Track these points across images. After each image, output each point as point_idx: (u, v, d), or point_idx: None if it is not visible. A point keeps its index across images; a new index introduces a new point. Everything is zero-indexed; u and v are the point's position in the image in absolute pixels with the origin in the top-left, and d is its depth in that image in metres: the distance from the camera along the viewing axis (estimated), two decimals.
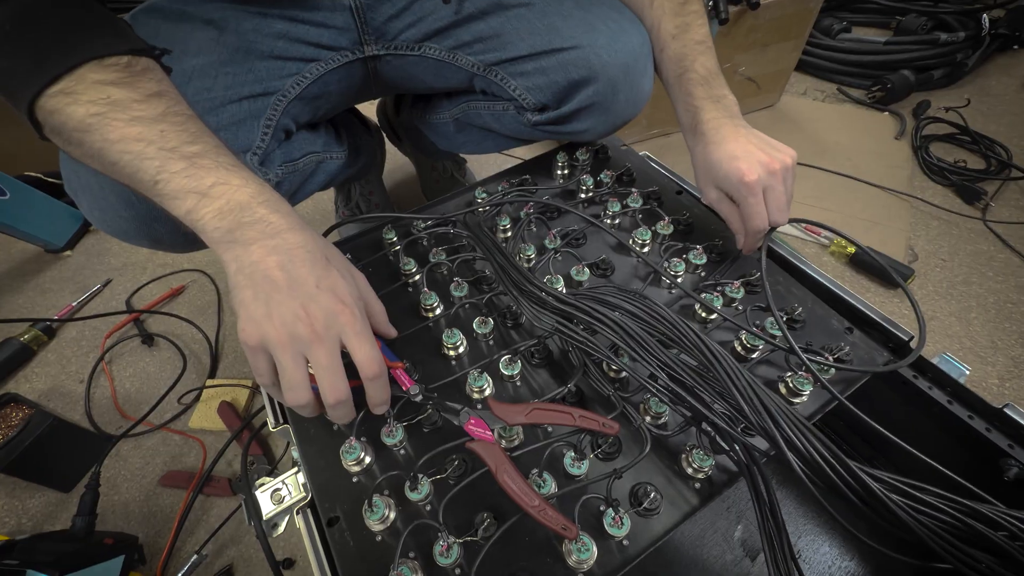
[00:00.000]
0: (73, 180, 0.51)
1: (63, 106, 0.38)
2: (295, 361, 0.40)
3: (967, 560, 0.34)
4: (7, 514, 0.79)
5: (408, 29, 0.66)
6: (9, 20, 0.39)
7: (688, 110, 0.61)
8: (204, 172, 0.39)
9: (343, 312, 0.41)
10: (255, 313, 0.39)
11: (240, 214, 0.39)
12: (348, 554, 0.43)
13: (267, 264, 0.39)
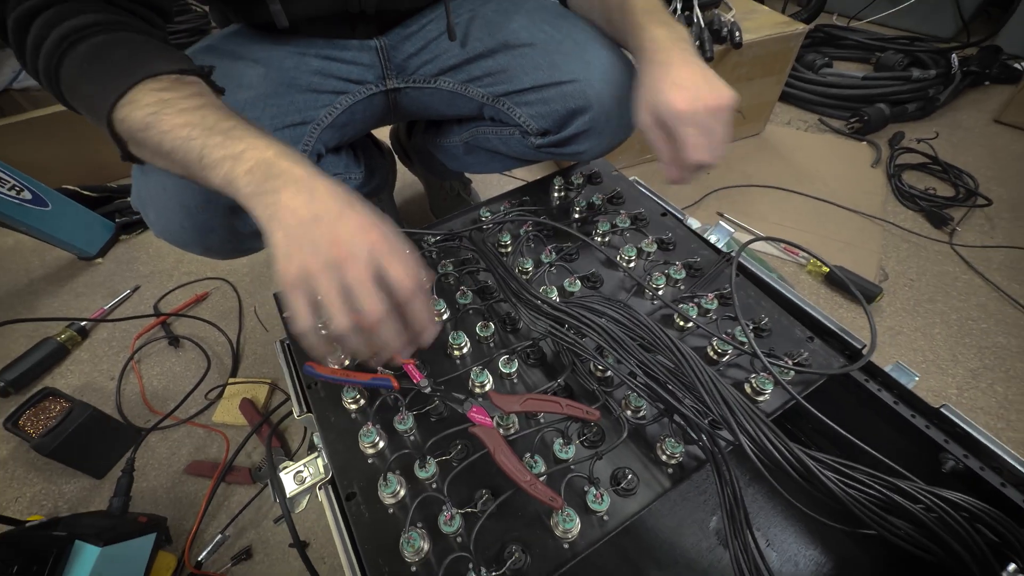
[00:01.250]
0: (143, 194, 0.58)
1: (128, 113, 0.44)
2: (334, 284, 0.39)
3: (888, 527, 0.40)
4: (45, 497, 0.84)
5: (425, 65, 0.74)
6: (86, 58, 0.46)
7: (633, 32, 0.60)
8: (236, 141, 0.43)
9: (372, 231, 0.41)
10: (288, 249, 0.40)
11: (267, 169, 0.42)
12: (364, 524, 0.49)
13: (294, 205, 0.41)
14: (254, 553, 0.75)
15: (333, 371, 0.56)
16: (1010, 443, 0.79)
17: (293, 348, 0.65)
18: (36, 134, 1.37)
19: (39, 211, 1.11)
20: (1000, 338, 0.97)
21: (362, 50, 0.71)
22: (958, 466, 0.55)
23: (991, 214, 1.22)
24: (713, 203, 1.29)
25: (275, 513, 0.79)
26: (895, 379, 0.59)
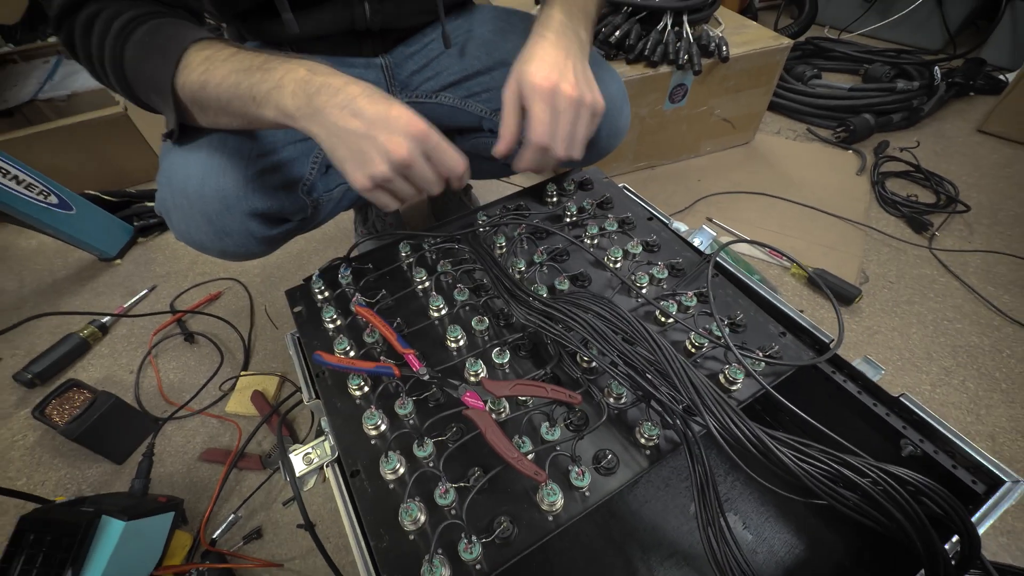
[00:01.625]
0: (167, 201, 0.62)
1: (185, 77, 0.50)
2: (402, 182, 0.49)
3: (837, 497, 0.44)
4: (70, 481, 0.89)
5: (427, 82, 0.78)
6: (142, 43, 0.52)
7: (540, 10, 0.62)
8: (272, 71, 0.48)
9: (413, 122, 0.47)
10: (356, 161, 0.47)
11: (306, 87, 0.47)
12: (367, 497, 0.53)
13: (343, 119, 0.46)
14: (264, 533, 0.80)
15: (340, 359, 0.60)
16: (978, 436, 0.84)
17: (303, 340, 0.70)
18: (60, 142, 1.42)
19: (64, 214, 1.16)
20: (973, 338, 1.00)
21: (368, 68, 0.76)
22: (916, 451, 0.59)
23: (970, 220, 1.26)
24: (703, 209, 1.33)
25: (284, 496, 0.83)
26: (859, 371, 0.63)
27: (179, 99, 0.52)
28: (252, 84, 0.48)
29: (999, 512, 0.50)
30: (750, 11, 2.19)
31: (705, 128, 1.43)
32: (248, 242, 0.65)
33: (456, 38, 0.79)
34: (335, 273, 0.74)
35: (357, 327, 0.68)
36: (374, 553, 0.50)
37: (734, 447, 0.48)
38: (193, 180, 0.58)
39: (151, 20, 0.52)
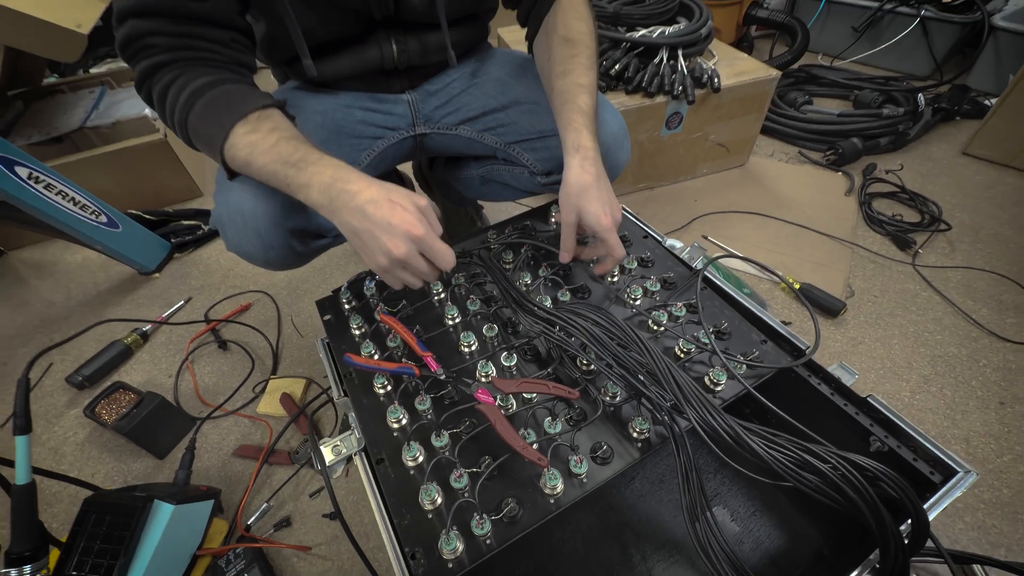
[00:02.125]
0: (223, 218, 0.70)
1: (232, 154, 0.60)
2: (403, 271, 0.59)
3: (801, 480, 0.49)
4: (116, 474, 0.95)
5: (448, 116, 0.87)
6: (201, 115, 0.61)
7: (567, 132, 0.70)
8: (303, 172, 0.58)
9: (412, 227, 0.56)
10: (365, 253, 0.59)
11: (330, 191, 0.57)
12: (390, 482, 0.59)
13: (356, 220, 0.56)
14: (292, 522, 0.86)
15: (366, 361, 0.67)
16: (953, 439, 0.88)
17: (332, 345, 0.77)
18: (105, 166, 1.53)
19: (112, 232, 1.25)
20: (952, 348, 1.04)
21: (397, 103, 0.84)
22: (883, 446, 0.64)
23: (952, 238, 1.31)
24: (699, 227, 1.40)
25: (310, 489, 0.89)
26: (832, 375, 0.68)
27: (227, 164, 0.63)
28: (287, 176, 0.59)
29: (952, 497, 0.55)
30: (747, 39, 2.28)
31: (701, 152, 1.51)
32: (288, 254, 0.72)
33: (474, 76, 0.88)
34: (361, 285, 0.82)
35: (380, 333, 0.74)
36: (397, 529, 0.56)
37: (712, 437, 0.54)
38: (247, 202, 0.66)
39: (209, 91, 0.61)
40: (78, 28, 1.24)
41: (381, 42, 0.78)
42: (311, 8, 0.69)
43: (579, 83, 0.70)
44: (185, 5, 0.59)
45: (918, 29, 1.98)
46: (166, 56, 0.60)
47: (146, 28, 0.58)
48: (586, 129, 0.68)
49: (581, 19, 0.73)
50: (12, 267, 1.53)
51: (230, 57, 0.64)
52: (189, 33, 0.60)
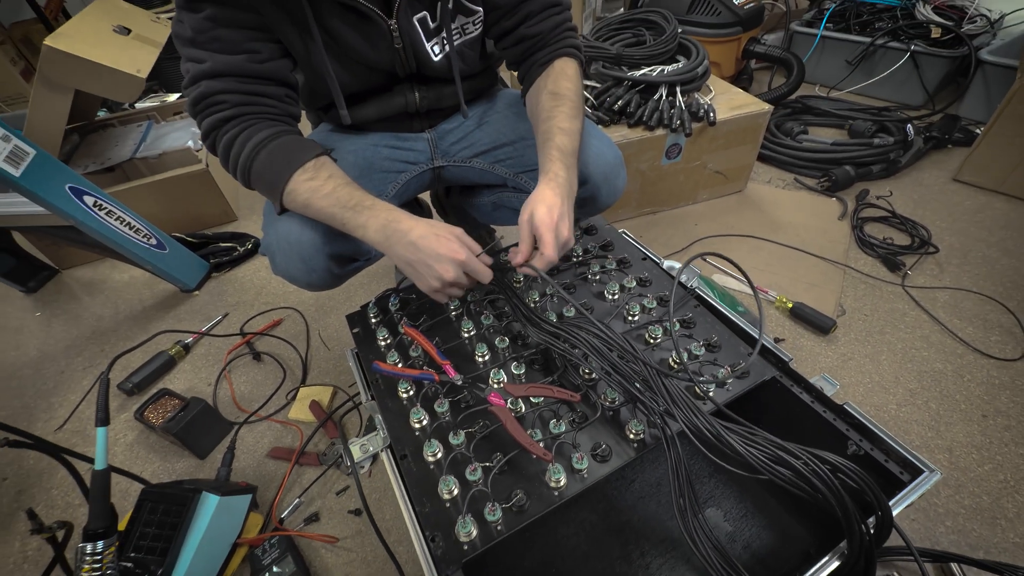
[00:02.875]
0: (272, 246, 0.79)
1: (292, 199, 0.70)
2: (450, 292, 0.71)
3: (775, 472, 0.55)
4: (162, 472, 1.03)
5: (463, 150, 0.96)
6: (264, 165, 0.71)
7: (548, 159, 0.75)
8: (360, 215, 0.69)
9: (455, 253, 0.67)
10: (418, 279, 0.70)
11: (384, 229, 0.68)
12: (412, 475, 0.66)
13: (409, 252, 0.67)
14: (320, 517, 0.92)
15: (392, 368, 0.74)
16: (938, 449, 0.93)
17: (360, 355, 0.84)
18: (154, 193, 1.65)
19: (160, 253, 1.36)
20: (938, 364, 1.08)
21: (417, 141, 0.94)
22: (859, 450, 0.69)
23: (941, 260, 1.35)
24: (698, 249, 1.46)
25: (337, 487, 0.96)
26: (812, 384, 0.74)
27: (284, 206, 0.73)
28: (345, 219, 0.69)
29: (918, 493, 0.60)
30: (746, 72, 2.36)
31: (700, 179, 1.58)
32: (328, 276, 0.81)
33: (484, 115, 0.97)
34: (386, 302, 0.90)
35: (403, 344, 0.82)
36: (419, 516, 0.62)
37: (697, 436, 0.60)
38: (294, 231, 0.75)
39: (271, 143, 0.71)
40: (137, 73, 1.37)
41: (405, 92, 0.88)
42: (347, 68, 0.80)
43: (560, 127, 0.77)
44: (250, 66, 0.69)
45: (909, 62, 2.05)
46: (233, 111, 0.70)
47: (217, 87, 0.68)
48: (560, 162, 0.75)
49: (568, 79, 0.82)
50: (66, 285, 1.65)
51: (284, 110, 0.74)
52: (253, 91, 0.70)
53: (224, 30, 0.67)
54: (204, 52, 0.67)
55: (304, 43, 0.74)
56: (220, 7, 0.66)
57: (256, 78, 0.70)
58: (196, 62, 0.68)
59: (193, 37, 0.67)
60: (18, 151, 1.01)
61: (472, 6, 0.81)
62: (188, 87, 0.69)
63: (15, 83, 2.51)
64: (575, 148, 0.78)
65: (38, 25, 2.68)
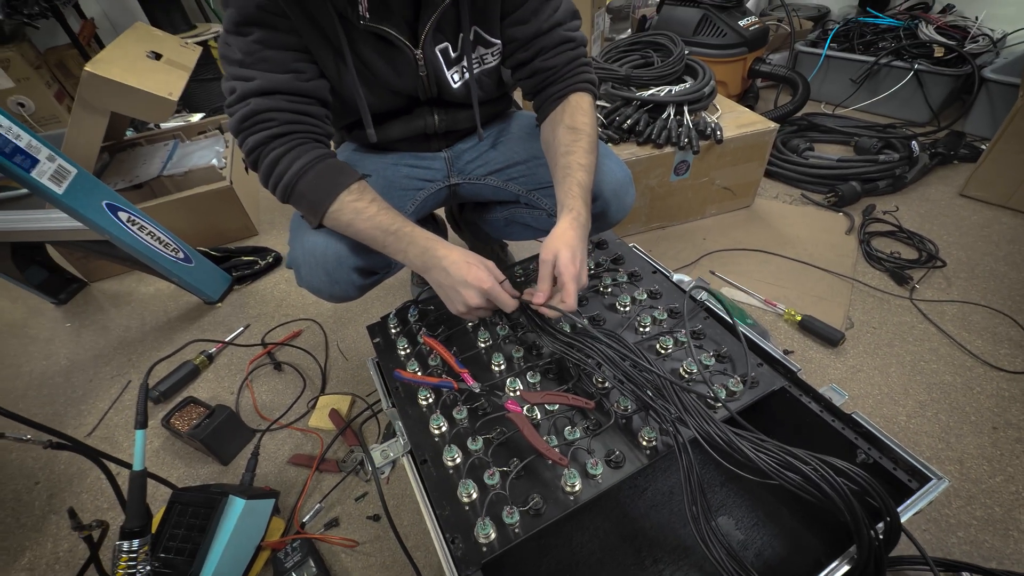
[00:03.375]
0: (298, 259, 0.83)
1: (336, 217, 0.75)
2: (477, 314, 0.76)
3: (785, 478, 0.57)
4: (187, 477, 1.06)
5: (478, 168, 1.00)
6: (309, 186, 0.75)
7: (568, 194, 0.78)
8: (401, 240, 0.75)
9: (482, 283, 0.71)
10: (448, 301, 0.75)
11: (423, 255, 0.74)
12: (433, 479, 0.68)
13: (441, 277, 0.73)
14: (340, 522, 0.94)
15: (413, 376, 0.77)
16: (948, 460, 0.93)
17: (381, 364, 0.87)
18: (179, 209, 1.71)
19: (187, 266, 1.41)
20: (947, 377, 1.09)
21: (435, 160, 0.99)
22: (867, 458, 0.70)
23: (948, 274, 1.36)
24: (707, 263, 1.48)
25: (356, 493, 0.98)
26: (821, 394, 0.75)
27: (322, 223, 0.79)
28: (386, 242, 0.75)
29: (927, 500, 0.61)
30: (752, 91, 2.40)
31: (708, 195, 1.61)
32: (350, 288, 0.85)
33: (499, 136, 1.01)
34: (405, 313, 0.93)
35: (422, 354, 0.85)
36: (440, 519, 0.64)
37: (709, 442, 0.61)
38: (319, 245, 0.79)
39: (318, 165, 0.75)
40: (169, 96, 1.44)
41: (425, 115, 0.92)
42: (374, 91, 0.84)
43: (580, 163, 0.80)
44: (297, 84, 0.74)
45: (913, 81, 2.07)
46: (281, 128, 0.74)
47: (267, 104, 0.72)
48: (580, 199, 0.78)
49: (585, 114, 0.85)
50: (94, 297, 1.70)
51: (324, 131, 0.79)
52: (299, 110, 0.75)
53: (271, 51, 0.72)
54: (253, 71, 0.72)
55: (337, 67, 0.79)
56: (267, 30, 0.71)
57: (302, 96, 0.75)
58: (245, 80, 0.72)
59: (242, 59, 0.72)
60: (62, 170, 1.07)
61: (491, 38, 0.85)
62: (235, 104, 0.74)
63: (50, 105, 2.62)
64: (591, 183, 0.82)
65: (72, 50, 2.80)
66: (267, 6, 0.69)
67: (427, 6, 0.76)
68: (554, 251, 0.73)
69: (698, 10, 2.15)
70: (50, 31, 2.84)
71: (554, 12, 0.84)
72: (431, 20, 0.77)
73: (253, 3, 0.69)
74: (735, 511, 0.86)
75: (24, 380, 1.40)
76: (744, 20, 2.13)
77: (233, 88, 0.73)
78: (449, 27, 0.81)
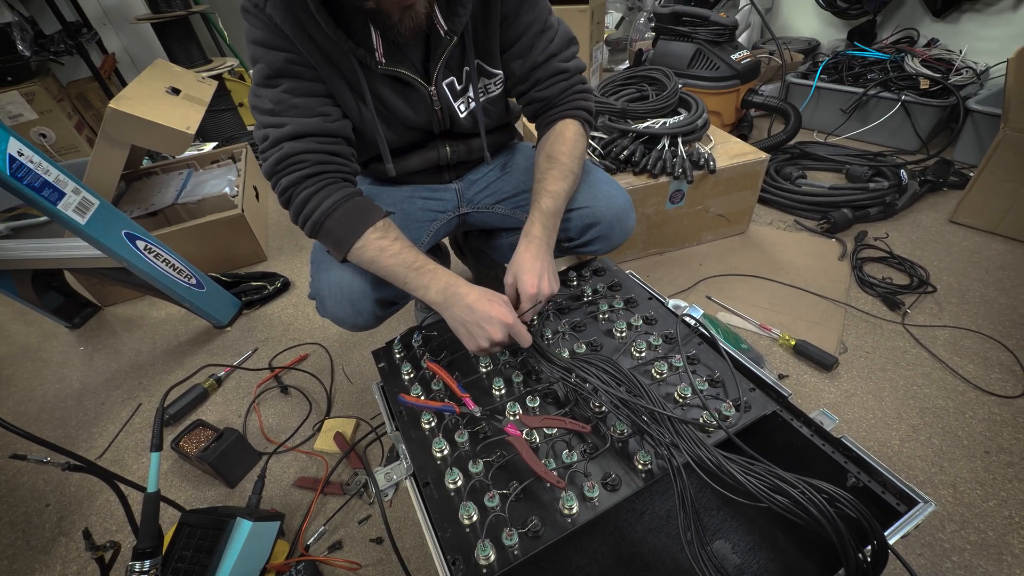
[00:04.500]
0: (322, 291, 0.87)
1: (361, 253, 0.79)
2: (495, 349, 0.78)
3: (774, 500, 0.58)
4: (194, 500, 1.07)
5: (486, 198, 1.05)
6: (338, 223, 0.79)
7: (529, 221, 0.86)
8: (423, 276, 0.78)
9: (505, 317, 0.75)
10: (469, 340, 0.77)
11: (445, 291, 0.77)
12: (435, 501, 0.70)
13: (464, 314, 0.76)
14: (344, 545, 0.95)
15: (416, 400, 0.79)
16: (942, 485, 0.94)
17: (385, 388, 0.90)
18: (192, 236, 1.76)
19: (199, 292, 1.45)
20: (940, 401, 1.10)
21: (446, 191, 1.04)
22: (857, 482, 0.72)
23: (940, 299, 1.38)
24: (703, 288, 1.51)
25: (360, 516, 0.99)
26: (812, 419, 0.77)
27: (345, 258, 0.82)
28: (408, 278, 0.78)
29: (914, 523, 0.62)
30: (746, 120, 2.47)
31: (704, 222, 1.65)
32: (371, 318, 0.89)
33: (506, 165, 1.07)
34: (409, 338, 0.95)
35: (425, 378, 0.87)
36: (440, 540, 0.66)
37: (700, 466, 0.64)
38: (345, 279, 0.84)
39: (347, 203, 0.80)
40: (187, 129, 1.50)
41: (438, 147, 0.98)
42: (392, 127, 0.90)
43: (547, 189, 0.87)
44: (325, 126, 0.79)
45: (901, 111, 2.13)
46: (312, 168, 0.79)
47: (299, 148, 0.78)
48: (539, 223, 0.85)
49: (564, 143, 0.90)
50: (106, 321, 1.74)
51: (352, 169, 0.85)
52: (329, 151, 0.80)
53: (300, 99, 0.78)
54: (284, 118, 0.78)
55: (359, 108, 0.84)
56: (295, 80, 0.77)
57: (330, 136, 0.81)
58: (277, 128, 0.78)
59: (273, 108, 0.77)
60: (85, 202, 1.12)
61: (492, 70, 0.91)
62: (269, 149, 0.79)
63: (70, 135, 2.72)
64: (559, 208, 0.88)
65: (93, 83, 2.92)
66: (294, 59, 0.75)
67: (436, 47, 0.82)
68: (514, 274, 0.83)
69: (692, 44, 2.24)
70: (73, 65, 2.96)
71: (549, 44, 0.89)
72: (442, 59, 0.83)
73: (282, 57, 0.75)
74: (731, 535, 0.87)
75: (37, 403, 1.43)
76: (736, 54, 2.21)
77: (266, 135, 0.78)
78: (455, 63, 0.87)
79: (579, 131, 0.93)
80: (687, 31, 2.23)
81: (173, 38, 2.69)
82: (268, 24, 0.74)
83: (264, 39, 0.75)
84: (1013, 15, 2.18)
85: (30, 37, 2.55)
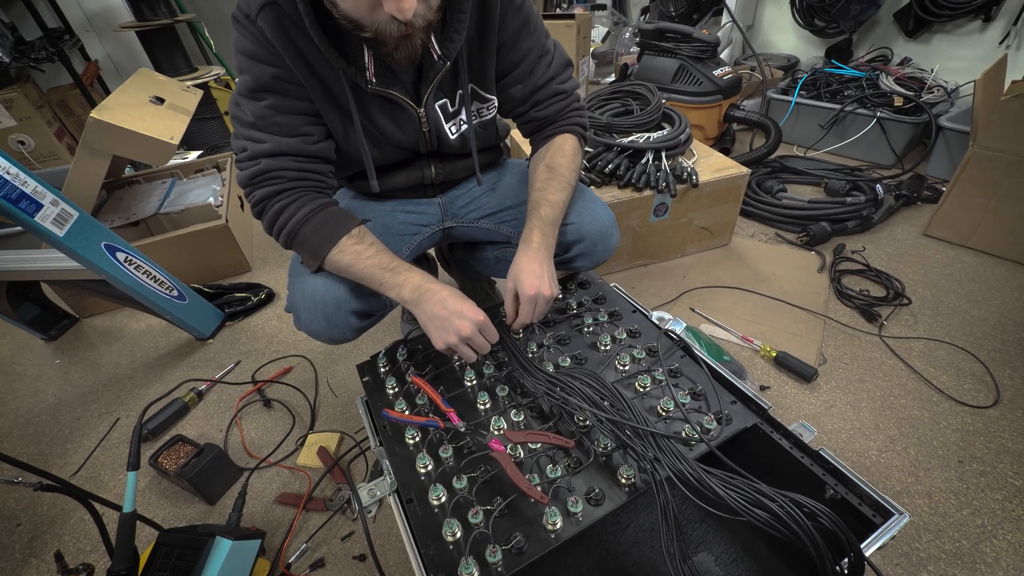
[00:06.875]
0: (297, 304, 0.86)
1: (338, 259, 0.79)
2: (466, 346, 0.78)
3: (753, 514, 0.59)
4: (173, 519, 1.05)
5: (471, 212, 1.05)
6: (312, 232, 0.80)
7: (528, 228, 0.87)
8: (397, 276, 0.79)
9: (476, 315, 0.77)
10: (439, 333, 0.77)
11: (418, 290, 0.77)
12: (418, 518, 0.69)
13: (436, 309, 0.76)
14: (326, 563, 0.94)
15: (400, 415, 0.79)
16: (918, 495, 0.96)
17: (369, 403, 0.89)
18: (174, 247, 1.73)
19: (180, 304, 1.42)
20: (915, 411, 1.13)
21: (430, 206, 1.04)
22: (835, 494, 0.73)
23: (915, 311, 1.42)
24: (687, 300, 1.53)
25: (343, 533, 0.98)
26: (791, 431, 0.78)
27: (322, 266, 0.82)
28: (383, 279, 0.79)
29: (889, 535, 0.63)
30: (728, 134, 2.53)
31: (687, 234, 1.68)
32: (348, 331, 0.88)
33: (492, 182, 1.07)
34: (394, 352, 0.95)
35: (410, 392, 0.87)
36: (424, 559, 0.65)
37: (681, 480, 0.64)
38: (319, 291, 0.83)
39: (322, 212, 0.81)
40: (171, 140, 1.49)
41: (424, 166, 0.98)
42: (378, 146, 0.90)
43: (547, 199, 0.88)
44: (304, 147, 0.80)
45: (877, 127, 2.20)
46: (286, 184, 0.80)
47: (276, 165, 0.78)
48: (538, 230, 0.86)
49: (564, 155, 0.92)
50: (84, 333, 1.70)
51: (328, 184, 0.85)
52: (305, 168, 0.81)
53: (282, 116, 0.78)
54: (264, 134, 0.78)
55: (344, 127, 0.85)
56: (280, 97, 0.77)
57: (308, 157, 0.81)
58: (256, 142, 0.78)
59: (254, 122, 0.77)
60: (64, 214, 1.10)
61: (486, 95, 0.92)
62: (246, 161, 0.79)
63: (49, 143, 2.67)
64: (557, 217, 0.89)
65: (74, 90, 2.88)
66: (281, 75, 0.75)
67: (428, 70, 0.82)
68: (514, 279, 0.84)
69: (675, 60, 2.29)
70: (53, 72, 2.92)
71: (547, 68, 0.91)
72: (433, 82, 0.83)
73: (268, 72, 0.75)
74: (714, 547, 0.88)
75: (10, 418, 1.39)
76: (719, 70, 2.26)
77: (244, 147, 0.78)
78: (448, 86, 0.88)
79: (577, 146, 0.95)
80: (671, 47, 2.28)
81: (158, 46, 2.67)
82: (257, 37, 0.74)
83: (252, 51, 0.75)
84: (980, 36, 2.28)
85: (10, 43, 2.51)
